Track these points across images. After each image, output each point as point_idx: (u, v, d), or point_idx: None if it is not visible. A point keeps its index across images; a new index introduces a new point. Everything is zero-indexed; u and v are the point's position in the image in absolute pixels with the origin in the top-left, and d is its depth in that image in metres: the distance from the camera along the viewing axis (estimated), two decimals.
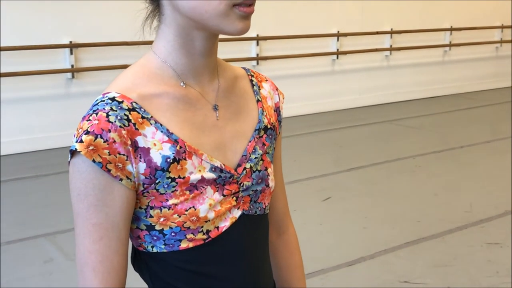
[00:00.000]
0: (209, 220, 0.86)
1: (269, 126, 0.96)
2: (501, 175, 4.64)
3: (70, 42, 5.22)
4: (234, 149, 0.91)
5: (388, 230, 3.52)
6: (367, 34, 7.22)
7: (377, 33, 7.31)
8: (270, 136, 0.97)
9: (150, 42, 0.92)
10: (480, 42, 8.39)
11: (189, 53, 0.86)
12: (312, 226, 3.61)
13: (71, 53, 5.22)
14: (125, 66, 4.53)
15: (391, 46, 7.49)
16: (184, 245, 0.85)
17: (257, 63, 6.49)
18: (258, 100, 0.97)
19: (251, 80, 0.99)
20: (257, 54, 6.45)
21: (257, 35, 6.41)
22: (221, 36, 0.88)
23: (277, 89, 1.02)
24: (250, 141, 0.93)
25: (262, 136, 0.95)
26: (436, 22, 7.90)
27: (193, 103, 0.87)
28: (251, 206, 0.93)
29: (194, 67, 0.87)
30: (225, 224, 0.88)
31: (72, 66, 5.24)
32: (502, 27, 8.60)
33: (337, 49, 7.07)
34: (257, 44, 6.44)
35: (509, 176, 4.61)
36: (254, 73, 1.01)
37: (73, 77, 5.31)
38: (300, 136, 5.93)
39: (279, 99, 1.01)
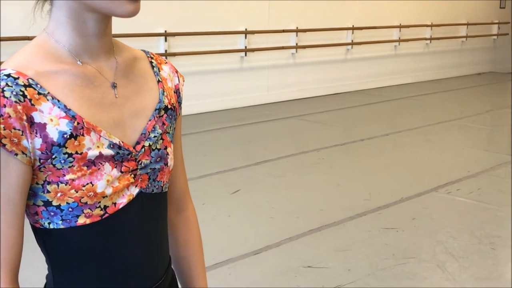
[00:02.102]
0: (106, 196, 0.88)
1: (169, 106, 0.99)
2: (398, 165, 4.94)
3: None
4: (133, 127, 0.93)
5: (293, 219, 3.66)
6: (273, 32, 7.39)
7: (283, 31, 7.50)
8: (170, 116, 0.99)
9: None
10: (380, 41, 8.83)
11: (83, 34, 0.88)
12: (221, 218, 3.68)
13: None
14: None
15: (296, 44, 7.72)
16: (81, 221, 0.87)
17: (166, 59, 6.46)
18: (158, 81, 0.99)
19: (151, 62, 1.01)
20: (166, 50, 6.43)
21: (165, 31, 6.39)
22: (128, 32, 0.91)
23: (177, 72, 1.05)
24: (150, 120, 0.95)
25: (162, 116, 0.97)
26: (339, 22, 8.23)
27: (91, 80, 0.89)
28: (149, 184, 0.95)
29: (88, 47, 0.89)
30: (122, 201, 0.91)
31: None
32: (400, 26, 9.10)
33: (245, 47, 7.18)
34: (165, 40, 6.42)
35: (405, 166, 4.92)
36: (153, 55, 1.04)
37: None
38: (210, 132, 5.99)
39: (179, 82, 1.04)
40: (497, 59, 11.30)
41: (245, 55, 7.24)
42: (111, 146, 0.88)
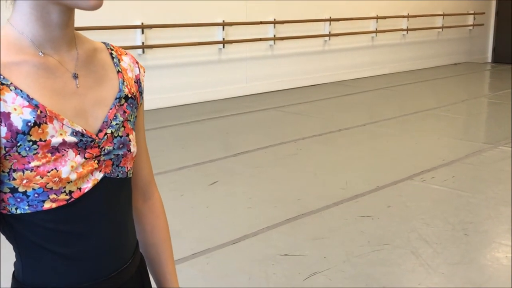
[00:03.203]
0: (71, 181, 0.91)
1: (129, 95, 1.04)
2: (374, 154, 5.01)
3: None
4: (95, 115, 0.97)
5: (271, 209, 3.69)
6: (251, 24, 7.41)
7: (261, 23, 7.52)
8: (131, 105, 1.04)
9: None
10: (357, 32, 8.89)
11: (46, 25, 0.91)
12: (199, 209, 3.70)
13: None
14: None
15: (274, 36, 7.74)
16: (47, 205, 0.90)
17: (143, 52, 6.45)
18: (118, 71, 1.04)
19: (111, 53, 1.05)
20: (143, 43, 6.41)
21: (142, 23, 6.37)
22: (104, 24, 0.94)
23: (137, 63, 1.10)
24: (111, 109, 0.99)
25: (123, 104, 1.01)
26: (316, 13, 8.27)
27: (52, 71, 0.92)
28: (113, 170, 0.99)
29: (51, 38, 0.92)
30: (87, 186, 0.94)
31: None
32: (377, 17, 9.17)
33: (223, 38, 7.18)
34: (142, 32, 6.39)
35: (381, 155, 4.99)
36: (113, 47, 1.08)
37: None
38: (188, 124, 5.99)
39: (140, 72, 1.09)
40: (472, 49, 11.46)
41: (223, 47, 7.24)
42: (74, 133, 0.92)
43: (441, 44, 10.68)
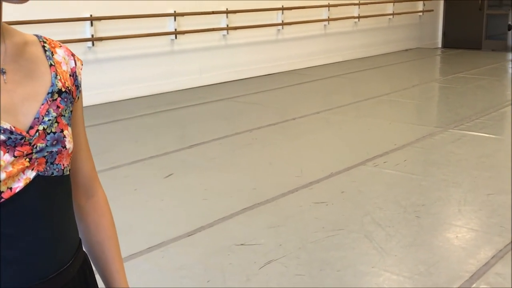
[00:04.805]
0: (0, 181, 0.87)
1: (63, 90, 0.99)
2: (329, 142, 5.06)
3: None
4: (25, 111, 0.93)
5: (226, 199, 3.69)
6: (203, 14, 7.34)
7: (213, 12, 7.47)
8: (65, 99, 1.00)
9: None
10: (309, 21, 8.94)
11: None
12: (153, 203, 3.66)
13: None
14: None
15: (227, 25, 7.71)
16: None
17: (93, 44, 6.32)
18: (51, 65, 0.99)
19: (44, 46, 1.01)
20: (92, 35, 6.27)
21: (91, 15, 6.23)
22: (51, 17, 0.91)
23: (73, 55, 1.06)
24: (42, 104, 0.95)
25: (56, 99, 0.97)
26: (269, 2, 8.26)
27: None
28: (47, 168, 0.95)
29: None
30: (18, 185, 0.90)
31: None
32: (329, 6, 9.24)
33: (175, 29, 7.11)
34: (91, 24, 6.26)
35: (335, 142, 5.05)
36: (47, 39, 1.04)
37: None
38: (141, 117, 5.91)
39: (76, 65, 1.05)
40: (423, 35, 11.68)
41: (175, 38, 7.16)
42: (2, 131, 0.88)
43: (392, 31, 10.85)
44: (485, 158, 4.48)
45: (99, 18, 6.29)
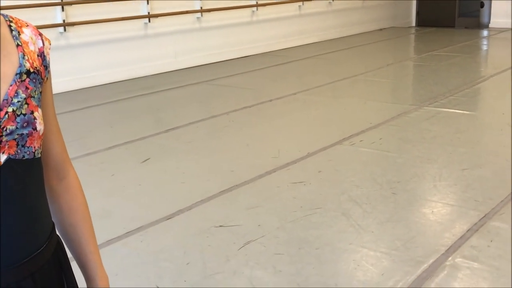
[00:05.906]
0: None
1: (32, 70, 0.97)
2: (305, 122, 5.08)
3: None
4: None
5: (204, 182, 3.69)
6: None
7: None
8: (34, 80, 0.98)
9: None
10: (284, 1, 8.90)
11: None
12: (131, 188, 3.64)
13: None
14: None
15: (201, 8, 7.63)
16: None
17: (65, 30, 6.21)
18: (18, 45, 0.97)
19: (10, 26, 0.99)
20: (64, 20, 6.16)
21: (61, 0, 6.12)
22: (21, 3, 0.88)
23: (40, 35, 1.03)
24: (11, 85, 0.93)
25: (24, 80, 0.95)
26: None
27: None
28: (18, 150, 0.94)
29: None
30: None
31: None
32: None
33: (148, 12, 7.02)
34: (63, 9, 6.14)
35: (312, 122, 5.06)
36: (13, 19, 1.01)
37: None
38: (116, 102, 5.85)
39: (44, 45, 1.02)
40: (397, 14, 11.72)
41: (149, 21, 7.08)
42: None
43: (366, 11, 10.86)
44: (459, 134, 4.54)
45: (70, 3, 6.18)
